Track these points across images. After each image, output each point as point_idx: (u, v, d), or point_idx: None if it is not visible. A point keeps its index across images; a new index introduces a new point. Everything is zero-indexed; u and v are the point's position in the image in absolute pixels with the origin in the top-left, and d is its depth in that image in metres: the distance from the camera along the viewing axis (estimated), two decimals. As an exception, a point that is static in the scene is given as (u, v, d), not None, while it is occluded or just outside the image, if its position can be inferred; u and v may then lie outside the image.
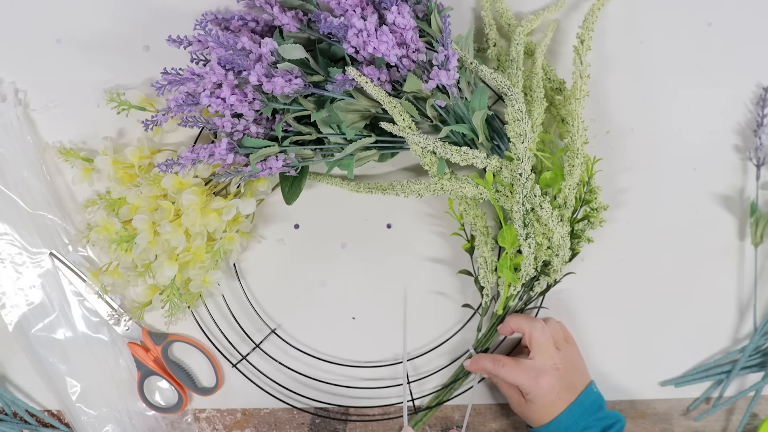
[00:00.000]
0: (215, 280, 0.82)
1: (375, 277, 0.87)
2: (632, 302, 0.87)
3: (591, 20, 0.79)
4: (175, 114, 0.77)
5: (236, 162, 0.79)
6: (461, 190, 0.79)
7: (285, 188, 0.82)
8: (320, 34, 0.77)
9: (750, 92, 0.87)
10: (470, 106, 0.75)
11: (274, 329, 0.88)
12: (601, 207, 0.80)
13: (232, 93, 0.74)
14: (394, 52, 0.72)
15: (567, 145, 0.78)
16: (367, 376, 0.88)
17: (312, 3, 0.78)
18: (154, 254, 0.81)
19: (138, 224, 0.78)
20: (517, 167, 0.74)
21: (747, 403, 0.88)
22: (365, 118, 0.78)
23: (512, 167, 0.76)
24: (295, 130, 0.79)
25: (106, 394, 0.88)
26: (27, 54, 0.87)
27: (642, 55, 0.86)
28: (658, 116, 0.87)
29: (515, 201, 0.75)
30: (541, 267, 0.81)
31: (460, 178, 0.80)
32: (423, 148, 0.77)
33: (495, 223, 0.85)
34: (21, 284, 0.87)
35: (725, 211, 0.87)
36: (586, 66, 0.77)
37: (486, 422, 0.88)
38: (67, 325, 0.87)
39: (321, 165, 0.85)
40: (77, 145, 0.87)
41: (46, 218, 0.86)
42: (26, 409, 0.88)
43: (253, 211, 0.82)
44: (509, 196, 0.79)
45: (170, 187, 0.79)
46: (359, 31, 0.71)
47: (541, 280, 0.81)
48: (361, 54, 0.74)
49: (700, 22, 0.86)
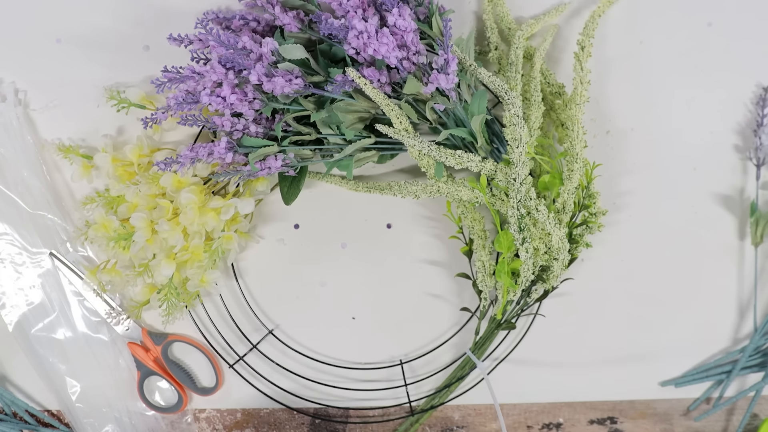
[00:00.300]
0: (213, 279, 0.82)
1: (375, 277, 0.87)
2: (632, 302, 0.87)
3: (591, 26, 0.79)
4: (174, 112, 0.77)
5: (235, 161, 0.79)
6: (457, 193, 0.79)
7: (284, 188, 0.82)
8: (321, 35, 0.77)
9: (750, 92, 0.87)
10: (469, 109, 0.75)
11: (272, 330, 0.88)
12: (599, 212, 0.80)
13: (232, 92, 0.74)
14: (394, 54, 0.72)
15: (566, 149, 0.78)
16: (367, 377, 0.88)
17: (313, 3, 0.78)
18: (152, 253, 0.81)
19: (136, 222, 0.78)
20: (512, 171, 0.74)
21: (747, 404, 0.88)
22: (365, 119, 0.78)
23: (507, 171, 0.76)
24: (295, 130, 0.79)
25: (106, 395, 0.88)
26: (27, 54, 0.87)
27: (642, 55, 0.86)
28: (657, 116, 0.86)
29: (510, 205, 0.75)
30: (539, 272, 0.81)
31: (456, 181, 0.80)
32: (420, 151, 0.77)
33: (493, 226, 0.85)
34: (21, 284, 0.87)
35: (725, 211, 0.87)
36: (586, 72, 0.77)
37: (486, 422, 0.88)
38: (67, 325, 0.87)
39: (320, 165, 0.85)
40: (77, 143, 0.87)
41: (45, 218, 0.86)
42: (26, 409, 0.88)
43: (251, 210, 0.82)
44: (505, 200, 0.79)
45: (169, 185, 0.79)
46: (360, 32, 0.71)
47: (538, 287, 0.81)
48: (361, 55, 0.74)
49: (700, 23, 0.86)
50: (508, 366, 0.86)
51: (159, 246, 0.80)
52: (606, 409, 0.88)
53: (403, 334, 0.87)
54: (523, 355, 0.87)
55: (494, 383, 0.85)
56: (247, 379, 0.87)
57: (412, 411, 0.87)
